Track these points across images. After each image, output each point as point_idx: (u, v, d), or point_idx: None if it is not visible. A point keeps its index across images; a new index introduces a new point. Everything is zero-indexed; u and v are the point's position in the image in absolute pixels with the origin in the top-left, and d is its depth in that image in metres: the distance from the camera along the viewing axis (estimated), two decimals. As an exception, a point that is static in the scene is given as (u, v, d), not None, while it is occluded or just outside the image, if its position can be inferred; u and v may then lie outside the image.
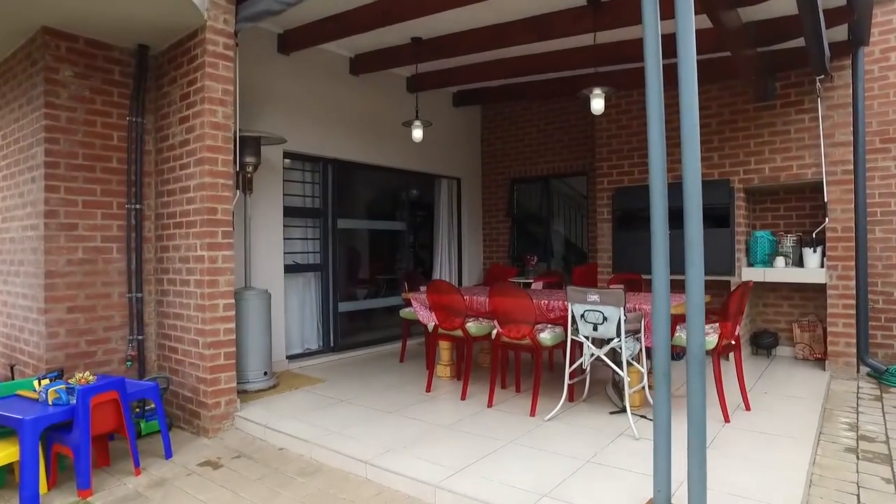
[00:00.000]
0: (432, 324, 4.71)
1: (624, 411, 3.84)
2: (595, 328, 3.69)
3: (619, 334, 3.62)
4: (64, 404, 3.13)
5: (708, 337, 3.77)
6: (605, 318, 3.63)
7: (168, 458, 3.61)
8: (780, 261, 5.46)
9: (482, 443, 3.47)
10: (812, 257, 5.27)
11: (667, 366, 2.42)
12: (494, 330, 4.22)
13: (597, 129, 6.60)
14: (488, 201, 8.33)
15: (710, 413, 3.13)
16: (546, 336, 4.02)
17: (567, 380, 3.93)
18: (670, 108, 2.63)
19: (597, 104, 4.51)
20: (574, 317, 3.82)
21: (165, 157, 4.43)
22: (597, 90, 4.45)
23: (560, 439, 3.51)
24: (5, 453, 3.02)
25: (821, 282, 5.19)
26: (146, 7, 3.80)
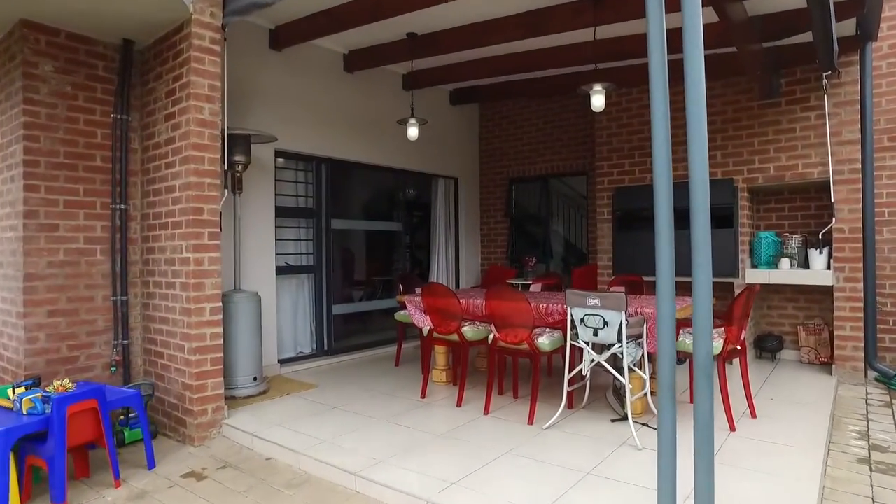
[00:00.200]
0: (427, 328, 4.57)
1: (625, 419, 3.70)
2: (595, 333, 3.55)
3: (620, 339, 3.48)
4: (39, 414, 2.98)
5: (713, 342, 3.63)
6: (605, 323, 3.49)
7: (151, 468, 3.46)
8: (785, 262, 5.32)
9: (478, 453, 3.32)
10: (818, 259, 5.13)
11: (672, 377, 2.27)
12: (491, 335, 4.08)
13: (597, 128, 6.46)
14: (486, 201, 8.18)
15: (715, 421, 2.99)
16: (544, 341, 3.88)
17: (566, 386, 3.79)
18: (673, 106, 2.50)
19: (597, 101, 4.37)
20: (573, 321, 3.68)
21: (151, 155, 4.28)
22: (597, 86, 4.31)
23: (559, 449, 3.37)
24: (-24, 466, 2.88)
25: (827, 284, 5.05)
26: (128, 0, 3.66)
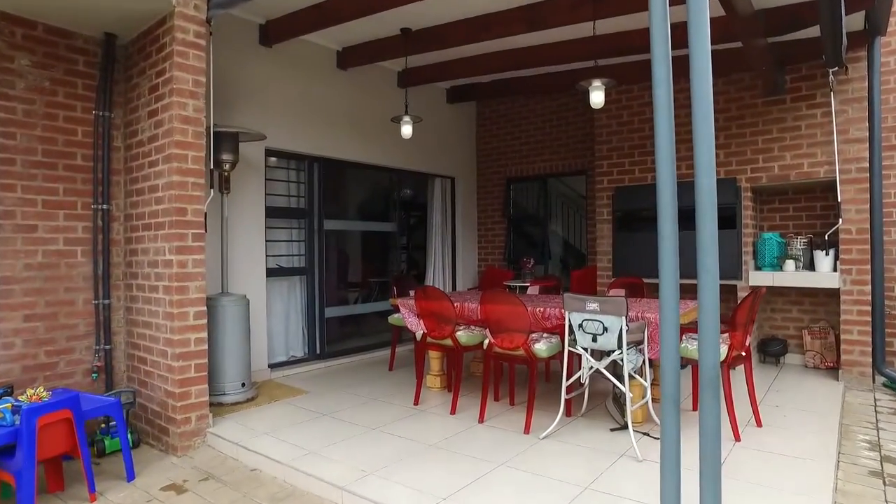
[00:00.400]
0: (421, 332, 4.42)
1: (625, 428, 3.55)
2: (594, 339, 3.40)
3: (620, 346, 3.33)
4: (8, 425, 2.83)
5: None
6: (605, 329, 3.34)
7: (130, 480, 3.31)
8: (790, 264, 5.17)
9: (471, 465, 3.17)
10: (824, 260, 4.98)
11: (676, 389, 2.12)
12: (486, 340, 3.93)
13: (596, 126, 6.31)
14: (483, 201, 8.03)
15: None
16: (541, 347, 3.73)
17: (564, 394, 3.64)
18: (676, 104, 2.35)
19: (596, 97, 4.22)
20: (572, 326, 3.53)
21: (134, 153, 4.13)
22: (596, 82, 4.16)
23: (556, 461, 3.22)
24: (-60, 481, 2.73)
25: (834, 287, 4.90)
26: (107, -10, 3.51)
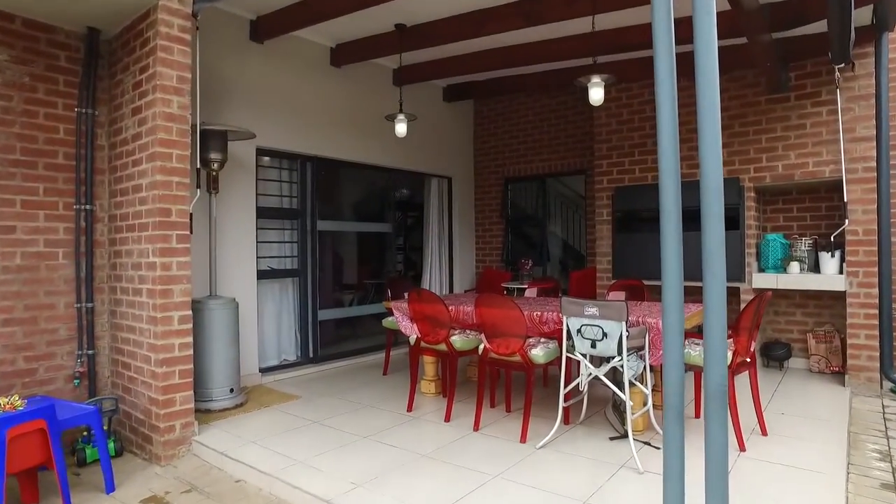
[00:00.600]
0: (414, 336, 4.29)
1: (625, 437, 3.41)
2: (593, 345, 3.27)
3: (620, 352, 3.20)
4: (-22, 436, 2.70)
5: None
6: (604, 334, 3.20)
7: (109, 491, 3.18)
8: (794, 266, 5.03)
9: (464, 477, 3.04)
10: (830, 262, 4.84)
11: (680, 401, 1.98)
12: (481, 345, 3.80)
13: (595, 125, 6.18)
14: (481, 201, 7.90)
15: (726, 445, 2.72)
16: (538, 353, 3.59)
17: (562, 402, 3.50)
18: (678, 102, 2.22)
19: (595, 94, 4.09)
20: (570, 332, 3.39)
21: (119, 152, 4.00)
22: (595, 78, 4.03)
23: (553, 473, 3.08)
24: None
25: (840, 289, 4.77)
26: (87, -18, 3.38)
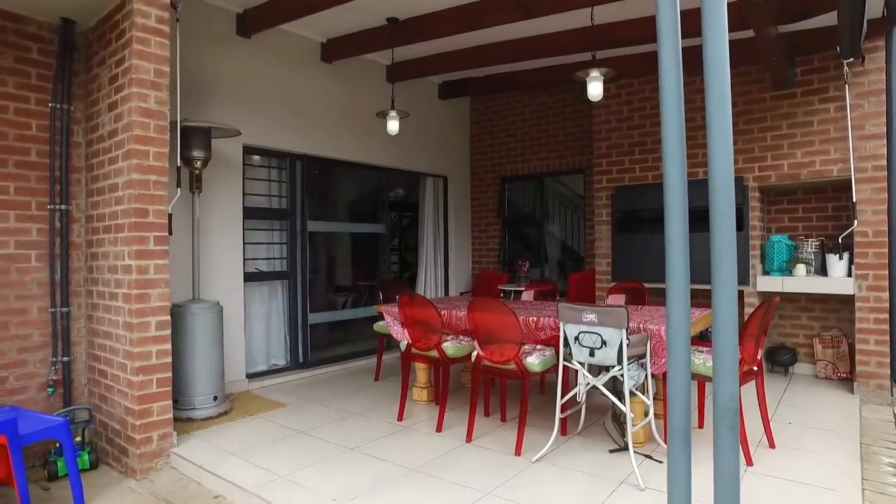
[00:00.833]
0: (405, 342, 4.11)
1: (625, 449, 3.24)
2: (592, 353, 3.09)
3: (620, 361, 3.02)
4: (-67, 453, 2.52)
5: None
6: (603, 342, 3.03)
7: (79, 509, 3.00)
8: (800, 268, 4.86)
9: (455, 494, 2.86)
10: (837, 265, 4.67)
11: (686, 421, 1.80)
12: (474, 352, 3.62)
13: (595, 123, 6.00)
14: (477, 201, 7.71)
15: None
16: (534, 361, 3.41)
17: (558, 413, 3.33)
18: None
19: (594, 89, 3.91)
20: (567, 339, 3.22)
21: (95, 149, 3.82)
22: (594, 72, 3.86)
23: (549, 489, 2.91)
24: None
25: (848, 293, 4.59)
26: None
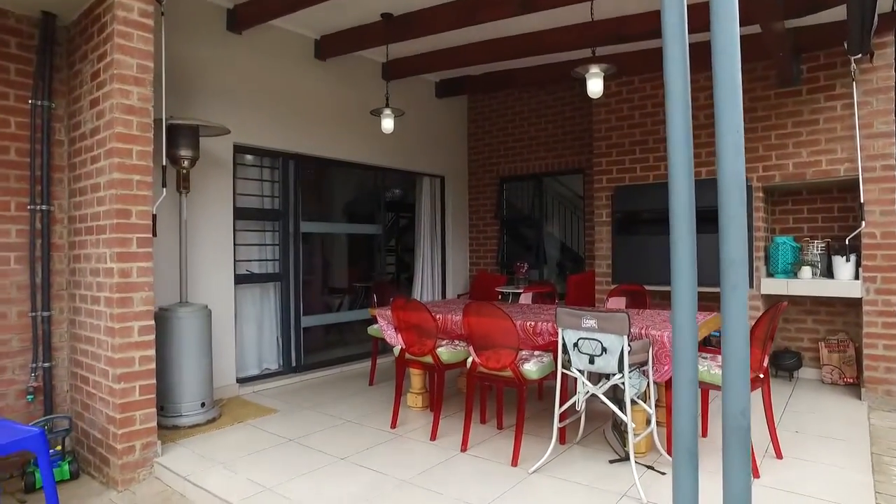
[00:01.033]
0: (398, 347, 3.98)
1: (627, 460, 3.11)
2: (591, 360, 2.96)
3: (621, 369, 2.89)
4: None
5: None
6: (603, 349, 2.90)
7: (55, 523, 2.86)
8: (805, 271, 4.73)
9: (448, 509, 2.74)
10: (844, 267, 4.54)
11: (693, 440, 1.67)
12: (469, 358, 3.49)
13: (594, 121, 5.87)
14: (475, 202, 7.58)
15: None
16: (531, 368, 3.28)
17: (557, 422, 3.19)
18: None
19: (594, 85, 3.78)
20: (566, 345, 3.08)
21: (77, 148, 3.69)
22: (594, 68, 3.73)
23: (547, 502, 2.78)
24: None
25: (855, 296, 4.46)
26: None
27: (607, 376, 3.03)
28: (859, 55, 4.20)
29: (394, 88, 5.70)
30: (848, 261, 4.52)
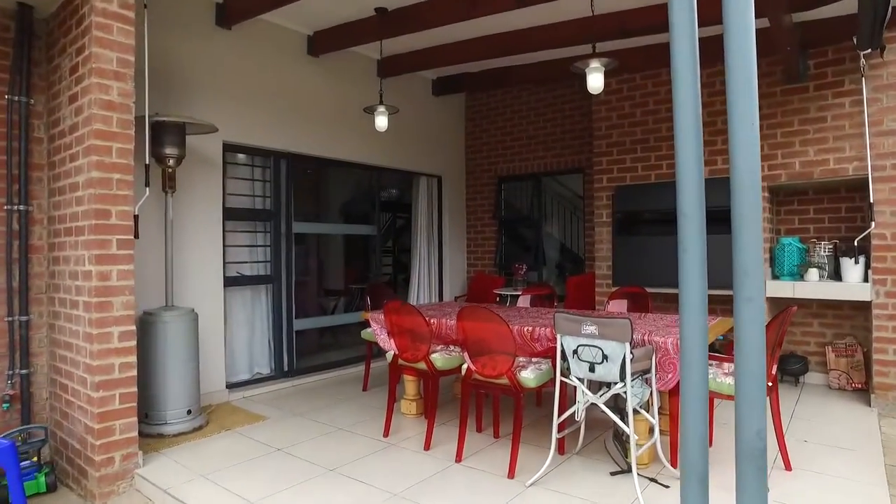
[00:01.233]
0: (391, 353, 3.84)
1: (629, 472, 2.96)
2: (592, 368, 2.82)
3: (623, 378, 2.75)
4: None
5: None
6: (604, 357, 2.75)
7: (27, 540, 2.72)
8: (812, 273, 4.58)
9: (440, 526, 2.59)
10: (853, 269, 4.39)
11: (703, 466, 1.53)
12: (464, 365, 3.34)
13: (594, 119, 5.73)
14: (473, 202, 7.43)
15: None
16: (528, 375, 3.14)
17: (555, 433, 3.05)
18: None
19: (594, 81, 3.64)
20: (565, 352, 2.94)
21: (57, 146, 3.55)
22: (594, 63, 3.59)
23: (545, 520, 2.64)
24: None
25: (864, 299, 4.31)
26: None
27: (608, 385, 2.89)
28: (869, 50, 4.06)
29: (390, 86, 5.56)
30: (857, 263, 4.37)
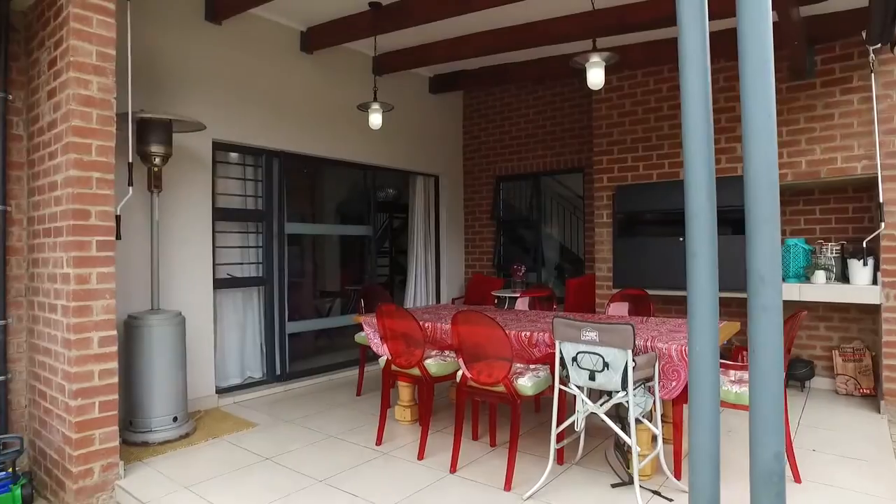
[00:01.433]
0: (384, 358, 3.70)
1: (630, 484, 2.83)
2: (592, 377, 2.68)
3: (624, 386, 2.61)
4: None
5: (743, 387, 2.77)
6: (605, 365, 2.62)
7: (-1, 556, 2.59)
8: (819, 275, 4.45)
9: (432, 543, 2.46)
10: (861, 272, 4.26)
11: (714, 490, 1.39)
12: (459, 372, 3.21)
13: (594, 118, 5.60)
14: (471, 202, 7.30)
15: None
16: (526, 383, 3.00)
17: (554, 443, 2.92)
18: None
19: (595, 76, 3.51)
20: (564, 359, 2.81)
21: (36, 143, 3.42)
22: (594, 57, 3.45)
23: (542, 536, 2.50)
24: None
25: (873, 302, 4.18)
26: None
27: (609, 393, 2.75)
28: (879, 45, 3.93)
29: (386, 84, 5.43)
30: (865, 265, 4.24)
